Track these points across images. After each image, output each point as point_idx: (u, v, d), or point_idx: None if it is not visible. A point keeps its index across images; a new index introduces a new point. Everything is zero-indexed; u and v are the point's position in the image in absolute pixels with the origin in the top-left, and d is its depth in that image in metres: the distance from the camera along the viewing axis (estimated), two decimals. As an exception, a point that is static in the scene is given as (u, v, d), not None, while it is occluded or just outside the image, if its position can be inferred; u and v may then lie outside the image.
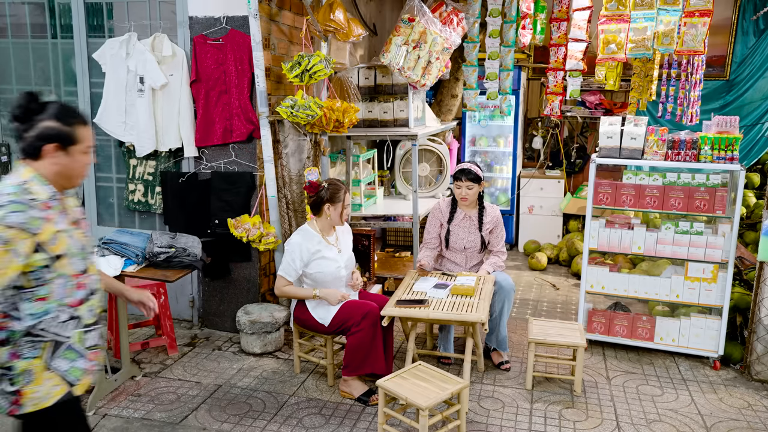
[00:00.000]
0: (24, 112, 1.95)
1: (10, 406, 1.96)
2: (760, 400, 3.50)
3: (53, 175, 2.00)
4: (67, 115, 2.01)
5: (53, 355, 1.99)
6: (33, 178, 1.96)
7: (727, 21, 6.10)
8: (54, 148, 1.97)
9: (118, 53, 4.14)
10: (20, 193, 1.90)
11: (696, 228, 3.81)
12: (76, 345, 2.04)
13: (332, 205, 3.49)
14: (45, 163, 1.98)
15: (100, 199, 4.62)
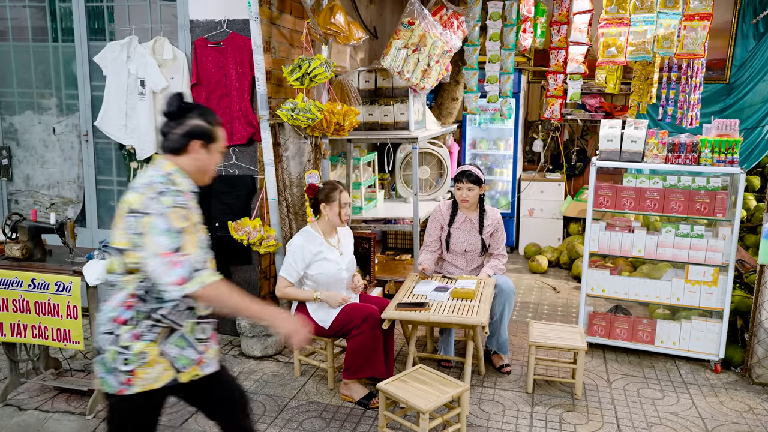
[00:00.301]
0: (176, 110, 2.12)
1: (120, 385, 2.05)
2: (761, 404, 3.50)
3: (193, 170, 2.16)
4: (210, 115, 2.19)
5: (166, 340, 2.09)
6: (175, 171, 2.11)
7: (727, 24, 6.11)
8: (199, 144, 2.14)
9: (119, 56, 4.15)
10: (167, 183, 2.04)
11: (696, 231, 3.81)
12: (187, 334, 2.13)
13: (328, 205, 3.50)
14: (187, 158, 2.14)
15: (100, 202, 4.62)
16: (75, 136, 4.58)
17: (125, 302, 2.06)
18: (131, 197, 2.03)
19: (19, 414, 3.30)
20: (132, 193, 2.04)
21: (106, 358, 2.05)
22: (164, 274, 1.96)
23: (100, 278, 3.22)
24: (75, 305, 3.23)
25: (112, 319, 2.06)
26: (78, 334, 3.27)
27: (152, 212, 1.98)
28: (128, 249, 2.02)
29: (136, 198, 2.02)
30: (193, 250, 2.01)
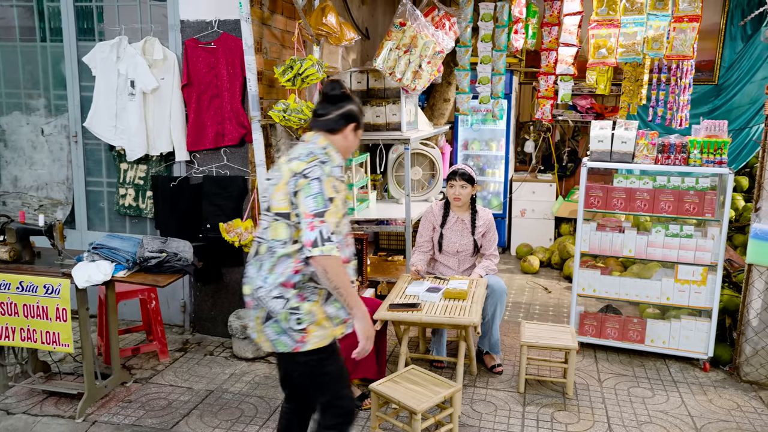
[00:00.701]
0: (338, 94, 2.38)
1: (295, 343, 2.28)
2: (748, 401, 3.53)
3: (342, 149, 2.41)
4: (359, 104, 2.47)
5: (326, 301, 2.31)
6: (329, 145, 2.36)
7: (715, 26, 6.17)
8: (352, 127, 2.41)
9: (108, 57, 4.13)
10: (325, 155, 2.31)
11: (686, 231, 3.84)
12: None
13: None
14: (340, 137, 2.39)
15: (90, 204, 4.59)
16: (64, 137, 4.55)
17: (293, 267, 2.26)
18: (294, 165, 2.27)
19: (7, 418, 3.27)
20: (294, 161, 2.29)
21: (280, 320, 2.27)
22: (303, 233, 2.20)
23: (89, 281, 3.20)
24: (64, 308, 3.21)
25: (281, 284, 2.26)
26: (67, 337, 3.25)
27: (311, 176, 2.22)
28: (290, 211, 2.25)
29: (299, 164, 2.26)
30: (332, 221, 2.20)
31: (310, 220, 2.17)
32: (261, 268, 2.32)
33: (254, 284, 2.33)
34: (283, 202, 2.26)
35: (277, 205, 2.28)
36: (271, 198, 2.31)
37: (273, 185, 2.32)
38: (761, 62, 5.86)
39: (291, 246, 2.26)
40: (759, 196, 3.65)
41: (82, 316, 3.27)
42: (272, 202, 2.30)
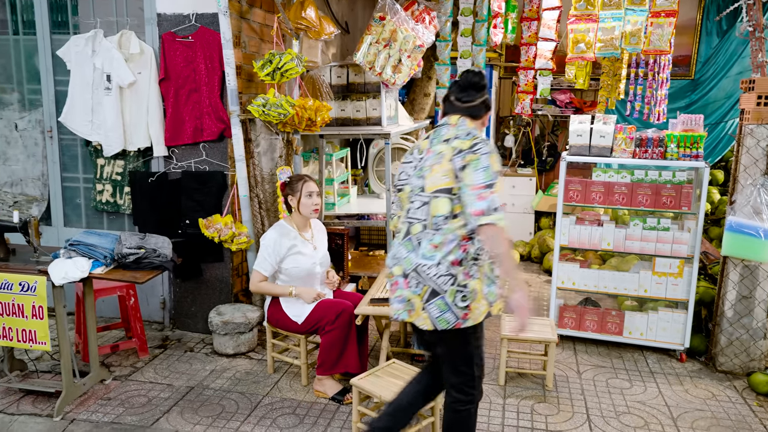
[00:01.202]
0: (483, 84, 2.53)
1: (457, 320, 2.34)
2: (723, 390, 3.60)
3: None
4: None
5: (485, 279, 2.38)
6: (474, 130, 2.45)
7: (691, 21, 6.25)
8: (488, 115, 2.56)
9: (83, 50, 4.06)
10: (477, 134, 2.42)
11: (663, 224, 3.89)
12: (489, 272, 2.39)
13: (293, 196, 3.49)
14: (479, 123, 2.51)
15: (66, 200, 4.52)
16: (38, 132, 4.47)
17: (460, 245, 2.33)
18: (456, 143, 2.36)
19: (-17, 418, 3.22)
20: (454, 141, 2.37)
21: (446, 298, 2.33)
22: (471, 203, 2.26)
23: (66, 278, 3.16)
24: (41, 305, 3.16)
25: (450, 262, 2.32)
26: (44, 335, 3.20)
27: (481, 151, 2.32)
28: (454, 186, 2.33)
29: (462, 142, 2.35)
30: (499, 192, 2.29)
31: (480, 191, 2.25)
32: (419, 246, 2.38)
33: (411, 263, 2.39)
34: (445, 178, 2.34)
35: (438, 182, 2.35)
36: (427, 177, 2.38)
37: (429, 166, 2.39)
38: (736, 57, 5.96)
39: (453, 221, 2.34)
40: (734, 189, 3.72)
41: (59, 314, 3.22)
42: (430, 180, 2.36)
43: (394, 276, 2.47)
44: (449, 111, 2.53)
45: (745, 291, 3.73)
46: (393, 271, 2.48)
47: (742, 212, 3.61)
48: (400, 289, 2.44)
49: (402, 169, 2.53)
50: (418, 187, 2.42)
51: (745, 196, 3.62)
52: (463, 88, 2.53)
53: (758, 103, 3.60)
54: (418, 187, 2.42)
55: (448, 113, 2.53)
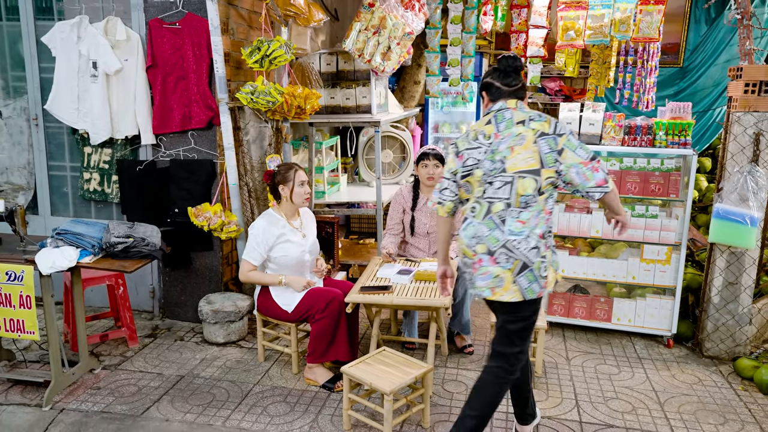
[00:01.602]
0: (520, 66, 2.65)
1: (541, 289, 2.52)
2: (709, 375, 3.65)
3: None
4: None
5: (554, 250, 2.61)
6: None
7: (680, 9, 6.26)
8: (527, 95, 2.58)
9: (68, 37, 3.99)
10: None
11: (651, 211, 3.92)
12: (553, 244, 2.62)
13: (285, 186, 3.48)
14: (523, 104, 2.63)
15: (53, 189, 4.47)
16: (24, 119, 4.41)
17: (546, 219, 2.52)
18: (536, 125, 2.50)
19: (-28, 408, 3.20)
20: (533, 123, 2.50)
21: (534, 270, 2.48)
22: (589, 178, 2.46)
23: (53, 267, 3.13)
24: (28, 295, 3.14)
25: (538, 235, 2.49)
26: (32, 324, 3.18)
27: (566, 132, 2.50)
28: (541, 167, 2.46)
29: (542, 124, 2.50)
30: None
31: (592, 164, 2.47)
32: (503, 223, 2.51)
33: (498, 240, 2.51)
34: (531, 160, 2.47)
35: (523, 163, 2.48)
36: (508, 158, 2.49)
37: (507, 147, 2.50)
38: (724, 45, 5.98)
39: (539, 198, 2.50)
40: (721, 176, 3.75)
41: (46, 303, 3.20)
42: (512, 161, 2.48)
43: (477, 254, 2.56)
44: (498, 97, 2.63)
45: (731, 277, 3.77)
46: (476, 250, 2.56)
47: (729, 199, 3.64)
48: (485, 267, 2.54)
49: (468, 155, 2.58)
50: (495, 169, 2.52)
51: (732, 183, 3.65)
52: (507, 74, 2.63)
53: (745, 91, 3.62)
54: (496, 169, 2.51)
55: (496, 99, 2.63)
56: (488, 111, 2.66)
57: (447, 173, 2.66)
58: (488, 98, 2.68)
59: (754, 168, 3.60)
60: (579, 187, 2.49)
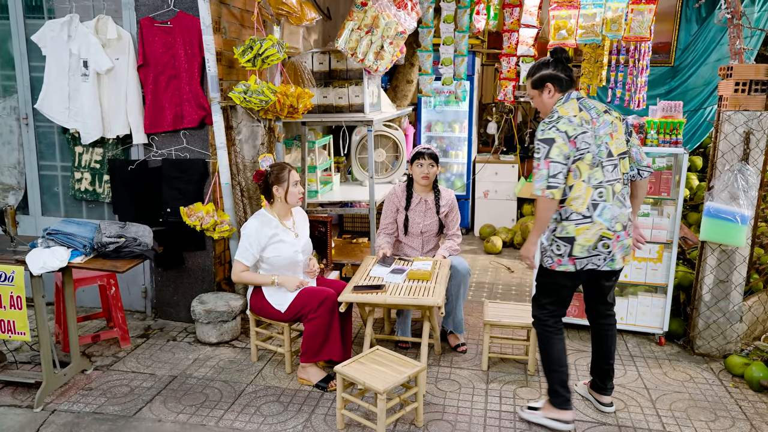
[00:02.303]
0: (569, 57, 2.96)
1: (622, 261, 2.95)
2: (701, 373, 3.67)
3: None
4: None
5: None
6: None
7: (671, 8, 6.29)
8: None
9: (59, 35, 3.97)
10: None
11: (643, 210, 3.94)
12: None
13: (279, 186, 3.46)
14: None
15: (44, 188, 4.45)
16: (14, 119, 4.37)
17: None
18: (615, 113, 2.92)
19: (-38, 410, 3.18)
20: (614, 112, 2.91)
21: (626, 244, 2.90)
22: (644, 158, 2.99)
23: (44, 267, 3.11)
24: (19, 295, 3.12)
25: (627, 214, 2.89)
26: (23, 325, 3.16)
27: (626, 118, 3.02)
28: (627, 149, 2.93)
29: (617, 114, 2.93)
30: None
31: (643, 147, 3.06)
32: (624, 199, 2.90)
33: (625, 215, 2.88)
34: (623, 144, 2.90)
35: (621, 147, 2.88)
36: (611, 143, 2.83)
37: (606, 133, 2.83)
38: (715, 44, 6.01)
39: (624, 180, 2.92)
40: (712, 175, 3.77)
41: (37, 304, 3.18)
42: (614, 146, 2.85)
43: (617, 232, 2.85)
44: (568, 87, 2.91)
45: (722, 275, 3.79)
46: (615, 229, 2.84)
47: (719, 198, 3.66)
48: (622, 240, 2.88)
49: (581, 140, 2.79)
50: (602, 152, 2.81)
51: (722, 181, 3.67)
52: (565, 66, 2.92)
53: (736, 90, 3.65)
54: (604, 152, 2.82)
55: (566, 89, 2.91)
56: (566, 99, 2.89)
57: (559, 158, 2.75)
58: (556, 89, 2.90)
59: (744, 166, 3.62)
60: (636, 164, 2.97)
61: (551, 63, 2.91)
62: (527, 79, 3.04)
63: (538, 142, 2.80)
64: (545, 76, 2.91)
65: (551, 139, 2.76)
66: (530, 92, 3.02)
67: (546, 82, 2.91)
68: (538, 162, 2.78)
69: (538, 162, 2.78)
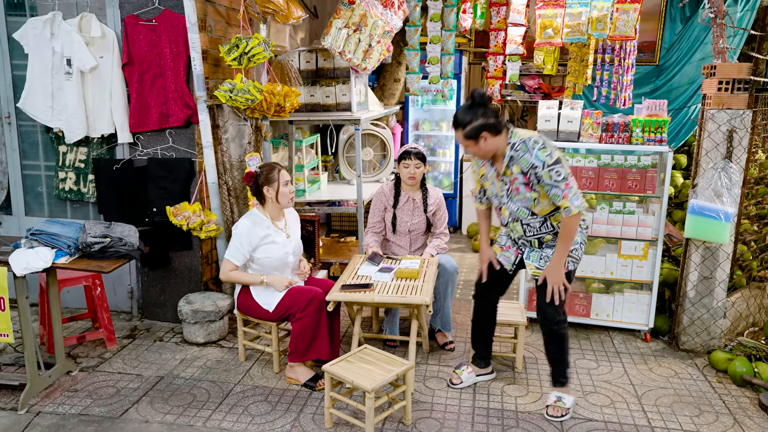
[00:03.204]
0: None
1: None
2: (685, 368, 3.72)
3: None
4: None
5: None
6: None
7: (656, 8, 6.34)
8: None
9: (41, 33, 3.92)
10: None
11: (628, 208, 3.97)
12: None
13: (269, 187, 3.44)
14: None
15: (27, 188, 4.39)
16: (-4, 118, 4.32)
17: None
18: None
19: (-56, 413, 3.13)
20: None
21: None
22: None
23: (28, 268, 3.08)
24: (2, 297, 3.07)
25: None
26: (6, 327, 3.12)
27: None
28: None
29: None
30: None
31: None
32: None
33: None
34: None
35: None
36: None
37: None
38: (699, 44, 6.07)
39: None
40: (696, 173, 3.81)
41: (21, 305, 3.14)
42: None
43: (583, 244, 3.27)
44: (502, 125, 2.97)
45: (706, 272, 3.84)
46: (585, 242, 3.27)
47: (703, 195, 3.70)
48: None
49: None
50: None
51: (706, 179, 3.71)
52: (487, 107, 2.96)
53: (719, 89, 3.69)
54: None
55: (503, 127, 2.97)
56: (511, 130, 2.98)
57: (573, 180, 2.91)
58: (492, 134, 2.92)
59: (727, 164, 3.66)
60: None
61: (488, 111, 2.91)
62: (456, 130, 3.00)
63: (551, 166, 2.84)
64: (490, 125, 2.90)
65: (559, 159, 2.86)
66: (464, 143, 3.00)
67: (490, 130, 2.91)
68: (565, 182, 2.86)
69: (566, 182, 2.86)
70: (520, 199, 3.01)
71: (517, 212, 3.07)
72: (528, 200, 2.99)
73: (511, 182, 3.01)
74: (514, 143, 2.93)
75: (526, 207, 3.02)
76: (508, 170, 3.00)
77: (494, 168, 3.10)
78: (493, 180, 3.12)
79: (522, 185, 2.97)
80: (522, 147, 2.90)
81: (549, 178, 2.85)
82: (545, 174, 2.85)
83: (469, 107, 2.93)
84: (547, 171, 2.85)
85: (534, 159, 2.86)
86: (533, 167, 2.87)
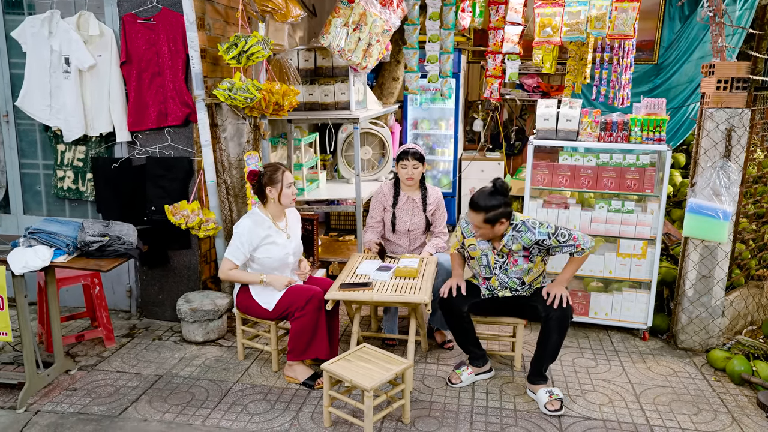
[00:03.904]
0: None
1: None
2: (683, 367, 3.72)
3: None
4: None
5: None
6: None
7: (655, 6, 6.34)
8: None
9: (39, 32, 3.91)
10: None
11: (627, 206, 3.97)
12: None
13: (273, 187, 3.44)
14: None
15: (25, 187, 4.39)
16: (-6, 116, 4.31)
17: None
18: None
19: (-57, 412, 3.13)
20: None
21: None
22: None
23: (26, 267, 3.07)
24: (0, 295, 3.07)
25: None
26: (5, 325, 3.12)
27: None
28: None
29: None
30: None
31: None
32: None
33: None
34: None
35: None
36: None
37: None
38: (698, 42, 6.06)
39: None
40: (695, 171, 3.81)
41: (20, 304, 3.14)
42: None
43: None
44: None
45: (704, 271, 3.84)
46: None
47: (702, 194, 3.70)
48: None
49: None
50: None
51: (705, 178, 3.72)
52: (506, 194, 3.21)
53: (718, 87, 3.69)
54: None
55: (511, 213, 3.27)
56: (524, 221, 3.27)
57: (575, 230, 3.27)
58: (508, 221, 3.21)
59: (726, 163, 3.67)
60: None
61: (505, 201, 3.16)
62: (477, 214, 3.19)
63: (554, 234, 3.21)
64: (501, 214, 3.15)
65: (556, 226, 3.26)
66: (482, 226, 3.20)
67: (501, 218, 3.17)
68: (572, 237, 3.23)
69: (572, 236, 3.23)
70: (515, 271, 3.33)
71: (508, 282, 3.37)
72: (523, 270, 3.32)
73: (508, 256, 3.30)
74: (516, 224, 3.26)
75: (518, 278, 3.35)
76: (505, 248, 3.28)
77: (490, 243, 3.36)
78: (487, 253, 3.35)
79: (521, 257, 3.29)
80: (523, 228, 3.24)
81: (557, 242, 3.23)
82: (554, 241, 3.22)
83: (492, 194, 3.17)
84: (554, 239, 3.22)
85: (538, 235, 3.21)
86: (539, 242, 3.22)
